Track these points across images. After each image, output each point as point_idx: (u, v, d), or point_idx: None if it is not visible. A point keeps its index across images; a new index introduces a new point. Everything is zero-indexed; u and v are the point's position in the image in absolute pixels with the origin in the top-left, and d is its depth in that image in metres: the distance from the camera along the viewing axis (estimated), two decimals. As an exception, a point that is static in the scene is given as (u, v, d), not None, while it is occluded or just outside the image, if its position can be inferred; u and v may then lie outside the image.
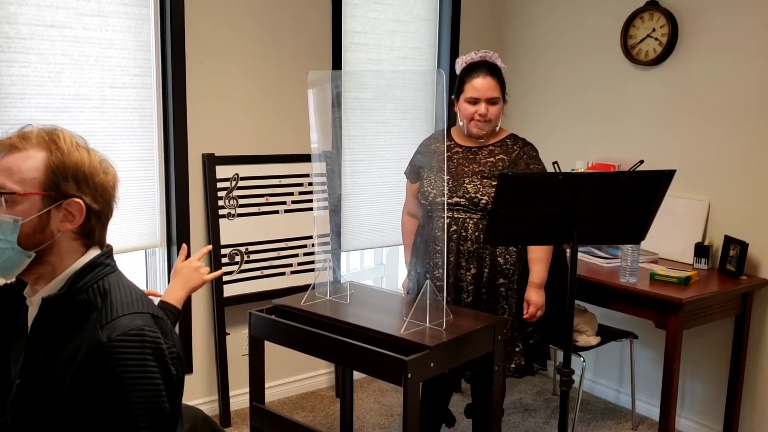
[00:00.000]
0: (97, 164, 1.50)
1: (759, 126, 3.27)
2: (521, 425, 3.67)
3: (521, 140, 2.97)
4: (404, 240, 3.22)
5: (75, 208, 1.46)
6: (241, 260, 3.59)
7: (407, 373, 2.24)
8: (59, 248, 1.48)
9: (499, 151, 2.92)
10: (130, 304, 1.48)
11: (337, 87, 3.70)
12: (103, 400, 1.39)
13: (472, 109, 2.86)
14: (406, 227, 3.20)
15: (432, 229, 2.95)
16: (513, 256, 2.91)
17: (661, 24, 3.57)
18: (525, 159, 2.90)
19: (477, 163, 2.91)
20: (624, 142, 3.82)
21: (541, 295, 2.90)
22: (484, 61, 2.90)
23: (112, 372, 1.38)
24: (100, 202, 1.50)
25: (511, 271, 2.90)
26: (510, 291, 2.92)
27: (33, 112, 2.99)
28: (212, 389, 3.67)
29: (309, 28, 3.72)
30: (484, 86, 2.84)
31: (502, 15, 4.43)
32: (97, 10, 3.11)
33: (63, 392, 1.41)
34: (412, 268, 3.08)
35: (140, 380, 1.40)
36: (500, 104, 2.88)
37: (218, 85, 3.49)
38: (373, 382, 4.11)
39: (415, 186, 3.07)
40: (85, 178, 1.46)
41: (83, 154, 1.48)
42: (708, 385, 3.53)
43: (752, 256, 3.29)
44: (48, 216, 1.45)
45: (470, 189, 2.86)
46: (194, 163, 3.47)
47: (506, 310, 2.91)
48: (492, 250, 2.88)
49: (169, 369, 1.46)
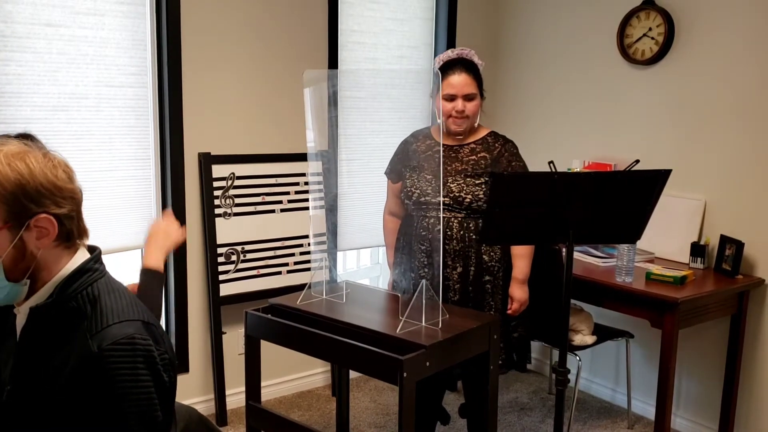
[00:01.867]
0: (40, 167, 1.39)
1: (755, 125, 3.27)
2: (517, 424, 3.67)
3: (502, 137, 2.99)
4: (386, 239, 3.24)
5: (44, 222, 1.40)
6: (237, 259, 3.59)
7: (403, 373, 2.24)
8: (45, 262, 1.45)
9: (480, 149, 2.93)
10: (120, 311, 1.45)
11: (334, 86, 3.70)
12: (96, 410, 1.38)
13: (449, 106, 2.88)
14: (387, 226, 3.21)
15: (416, 229, 2.96)
16: (498, 254, 2.93)
17: (657, 23, 3.57)
18: (507, 156, 2.92)
19: (459, 161, 2.92)
20: (620, 141, 3.82)
21: (524, 291, 2.93)
22: (460, 59, 2.93)
23: (103, 382, 1.37)
24: (64, 203, 1.42)
25: (496, 268, 2.93)
26: (495, 288, 2.94)
27: (29, 111, 2.99)
28: (208, 388, 3.67)
29: (305, 27, 3.72)
30: (460, 83, 2.86)
31: (498, 13, 4.43)
32: (93, 8, 3.10)
33: (54, 401, 1.40)
34: (397, 268, 3.09)
35: (132, 390, 1.39)
36: (477, 100, 2.90)
37: (214, 83, 3.49)
38: (369, 381, 4.11)
39: (396, 186, 3.10)
40: (36, 190, 1.38)
41: (21, 168, 1.37)
42: (704, 385, 3.53)
43: (748, 256, 3.30)
44: (22, 241, 1.40)
45: (454, 188, 2.87)
46: (190, 162, 3.47)
47: (492, 307, 2.94)
48: (477, 248, 2.90)
49: (161, 376, 1.44)
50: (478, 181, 2.87)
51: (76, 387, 1.38)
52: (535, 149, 4.00)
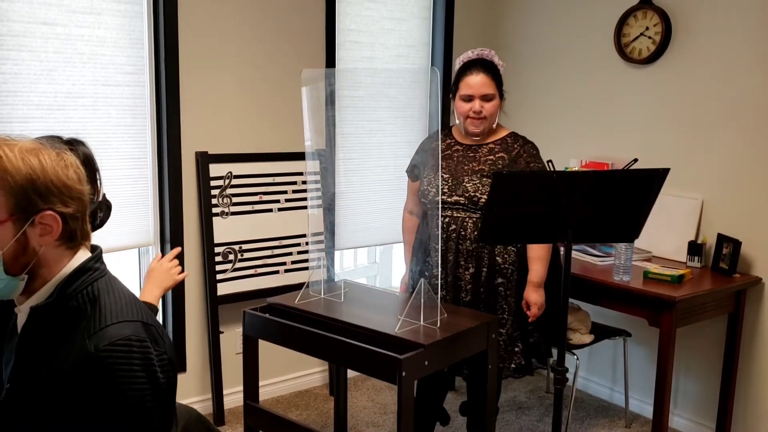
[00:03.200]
0: (53, 164, 1.40)
1: (752, 124, 3.28)
2: (515, 423, 3.67)
3: (522, 138, 2.97)
4: (404, 237, 3.23)
5: (49, 219, 1.40)
6: (234, 259, 3.58)
7: (402, 372, 2.24)
8: (46, 260, 1.44)
9: (499, 149, 2.92)
10: (119, 311, 1.44)
11: (331, 85, 3.70)
12: (90, 410, 1.37)
13: (467, 107, 2.87)
14: (406, 225, 3.21)
15: (432, 228, 2.95)
16: (512, 256, 2.90)
17: (654, 22, 3.57)
18: (525, 157, 2.90)
19: (477, 161, 2.91)
20: (617, 140, 3.82)
21: (540, 295, 2.89)
22: (480, 59, 2.92)
23: (99, 383, 1.37)
24: (71, 203, 1.43)
25: (509, 270, 2.90)
26: (509, 290, 2.91)
27: (25, 110, 2.98)
28: (206, 388, 3.66)
29: (303, 26, 3.71)
30: (478, 83, 2.85)
31: (496, 13, 4.43)
32: (90, 7, 3.09)
33: (52, 401, 1.39)
34: (412, 266, 3.08)
35: (126, 391, 1.38)
36: (496, 101, 2.89)
37: (212, 82, 3.48)
38: (367, 381, 4.11)
39: (415, 184, 3.08)
40: (45, 186, 1.39)
41: (33, 163, 1.38)
42: (701, 383, 3.54)
43: (745, 255, 3.30)
44: (25, 236, 1.40)
45: (469, 188, 2.86)
46: (188, 161, 3.46)
47: (505, 310, 2.91)
48: (491, 249, 2.88)
49: (157, 378, 1.43)
50: None
51: (73, 387, 1.37)
52: (532, 148, 4.00)
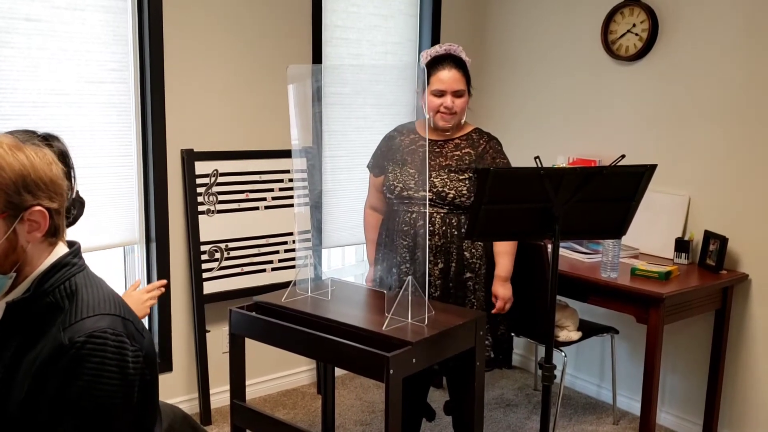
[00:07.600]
0: (39, 160, 1.42)
1: (739, 121, 3.28)
2: (503, 420, 3.67)
3: (486, 134, 2.99)
4: (366, 234, 3.22)
5: (38, 215, 1.41)
6: (220, 257, 3.56)
7: (389, 369, 2.23)
8: (30, 256, 1.45)
9: (465, 145, 2.93)
10: (96, 305, 1.44)
11: (318, 82, 3.68)
12: (57, 401, 1.36)
13: (438, 102, 2.86)
14: (368, 221, 3.19)
15: (399, 224, 2.95)
16: (479, 250, 2.93)
17: (641, 19, 3.58)
18: (491, 153, 2.92)
19: (443, 156, 2.91)
20: (604, 137, 3.82)
21: (508, 288, 2.93)
22: (449, 54, 2.91)
23: (68, 373, 1.35)
24: (56, 198, 1.44)
25: (477, 264, 2.92)
26: (478, 285, 2.93)
27: (9, 108, 2.94)
28: (192, 387, 3.64)
29: (289, 23, 3.69)
30: (450, 78, 2.85)
31: (482, 9, 4.42)
32: (74, 3, 3.06)
33: (24, 393, 1.37)
34: (379, 264, 3.08)
35: (94, 384, 1.37)
36: (465, 97, 2.90)
37: (197, 79, 3.46)
38: (355, 379, 4.10)
39: (378, 180, 3.08)
40: (34, 182, 1.40)
41: (21, 158, 1.39)
42: (688, 380, 3.55)
43: (732, 251, 3.31)
44: (15, 233, 1.41)
45: (437, 183, 2.87)
46: (173, 159, 3.43)
47: (474, 304, 2.93)
48: (459, 244, 2.90)
49: (128, 374, 1.41)
50: (461, 177, 2.87)
51: (42, 379, 1.36)
52: (519, 146, 4.00)
